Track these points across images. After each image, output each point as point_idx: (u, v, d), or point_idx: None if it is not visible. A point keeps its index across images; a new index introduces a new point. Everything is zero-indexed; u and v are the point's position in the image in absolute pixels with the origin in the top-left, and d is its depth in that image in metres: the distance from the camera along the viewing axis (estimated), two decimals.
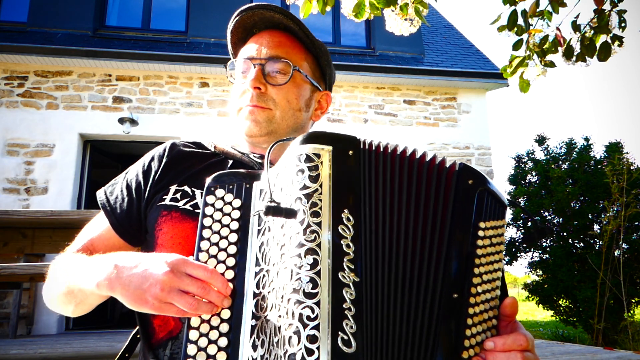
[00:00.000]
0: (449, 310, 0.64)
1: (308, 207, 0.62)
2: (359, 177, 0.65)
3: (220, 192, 0.72)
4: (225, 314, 0.64)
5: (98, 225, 0.94)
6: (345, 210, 0.63)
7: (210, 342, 0.63)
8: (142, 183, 0.91)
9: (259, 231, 0.68)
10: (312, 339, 0.56)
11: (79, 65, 5.94)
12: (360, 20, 2.03)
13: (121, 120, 5.79)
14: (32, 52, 5.60)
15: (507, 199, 0.76)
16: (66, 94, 5.93)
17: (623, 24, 2.19)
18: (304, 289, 0.58)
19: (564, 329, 7.44)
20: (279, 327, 0.59)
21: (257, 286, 0.65)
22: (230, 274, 0.67)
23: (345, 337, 0.57)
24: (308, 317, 0.57)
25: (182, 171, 0.91)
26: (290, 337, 0.57)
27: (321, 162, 0.64)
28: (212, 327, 0.64)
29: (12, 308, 4.79)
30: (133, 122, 5.80)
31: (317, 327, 0.57)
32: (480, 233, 0.69)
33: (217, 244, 0.68)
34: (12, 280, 2.24)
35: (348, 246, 0.61)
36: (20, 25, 6.24)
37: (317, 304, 0.58)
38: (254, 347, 0.62)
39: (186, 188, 0.88)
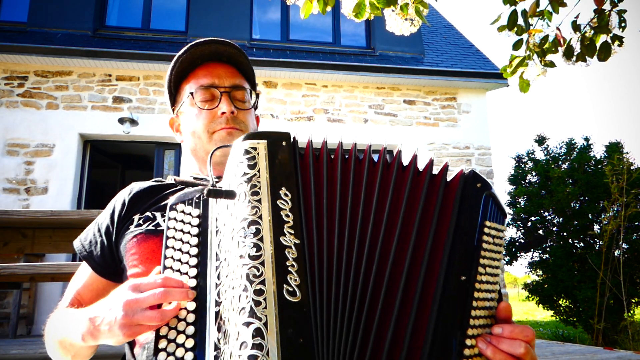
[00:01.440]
0: (456, 289, 0.68)
1: (248, 188, 0.69)
2: (295, 161, 0.73)
3: (180, 207, 0.79)
4: (191, 316, 0.69)
5: (81, 275, 1.03)
6: (283, 188, 0.70)
7: (177, 345, 0.66)
8: (109, 224, 1.00)
9: (216, 231, 0.74)
10: (259, 292, 0.62)
11: (79, 65, 5.94)
12: (361, 20, 2.02)
13: (121, 120, 5.79)
14: (32, 52, 5.60)
15: (508, 212, 0.80)
16: (66, 94, 5.93)
17: (623, 24, 2.19)
18: (249, 253, 0.64)
19: (564, 329, 7.44)
20: (232, 287, 0.65)
21: (218, 277, 0.70)
22: (193, 272, 0.72)
23: (290, 289, 0.63)
24: (254, 275, 0.63)
25: (143, 204, 1.00)
26: (240, 295, 0.62)
27: (258, 153, 0.72)
28: (179, 320, 0.68)
29: (12, 308, 4.79)
30: (133, 122, 5.80)
31: (262, 282, 0.62)
32: (486, 230, 0.72)
33: (180, 250, 0.74)
34: (12, 280, 2.24)
35: (287, 215, 0.68)
36: (20, 25, 6.23)
37: (262, 263, 0.64)
38: (218, 340, 0.66)
39: (148, 214, 0.96)
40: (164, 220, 0.89)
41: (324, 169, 0.74)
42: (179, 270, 0.72)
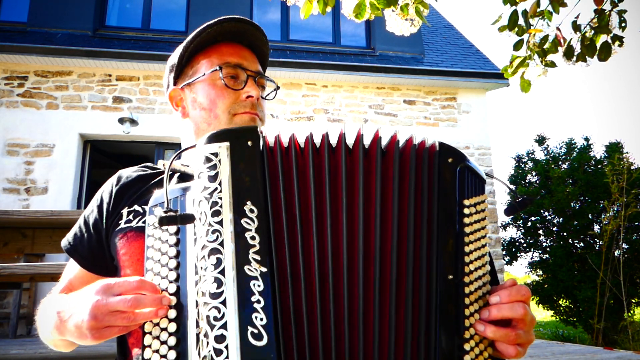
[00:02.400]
0: (446, 293, 0.64)
1: (209, 208, 0.62)
2: (263, 164, 0.64)
3: (158, 211, 0.70)
4: (172, 327, 0.64)
5: (72, 267, 0.99)
6: (248, 202, 0.62)
7: (161, 357, 0.63)
8: (97, 217, 0.94)
9: (195, 240, 0.67)
10: (220, 338, 0.56)
11: (79, 65, 5.94)
12: (361, 20, 2.02)
13: (121, 120, 5.78)
14: (32, 52, 5.59)
15: (486, 173, 0.76)
16: (66, 94, 5.93)
17: (623, 24, 2.18)
18: (209, 291, 0.59)
19: (564, 329, 7.44)
20: (197, 340, 0.59)
21: (198, 294, 0.64)
22: (173, 288, 0.66)
23: (256, 331, 0.57)
24: (215, 318, 0.57)
25: (131, 194, 0.94)
26: (202, 341, 0.58)
27: (219, 160, 0.64)
28: (162, 342, 0.64)
29: (12, 308, 4.79)
30: (133, 122, 5.80)
31: (224, 326, 0.57)
32: (466, 211, 0.68)
33: (159, 261, 0.69)
34: (12, 280, 2.24)
35: (253, 238, 0.61)
36: (20, 25, 6.23)
37: (223, 302, 0.58)
38: (200, 354, 0.61)
39: (136, 207, 0.90)
40: None
41: (294, 170, 0.65)
42: (159, 274, 0.68)
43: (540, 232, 7.51)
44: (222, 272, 0.59)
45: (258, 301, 0.58)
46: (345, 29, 7.20)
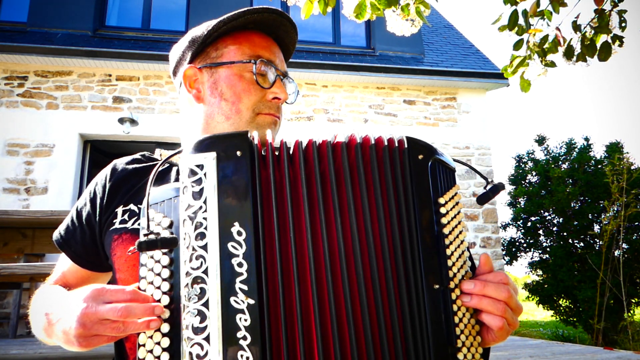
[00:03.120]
0: (434, 302, 0.61)
1: (192, 229, 0.57)
2: (254, 177, 0.59)
3: (151, 213, 0.66)
4: (165, 342, 0.60)
5: (64, 261, 0.95)
6: (236, 224, 0.56)
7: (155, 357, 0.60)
8: (91, 213, 0.89)
9: (187, 247, 0.64)
10: None
11: (79, 65, 5.94)
12: (362, 20, 2.02)
13: (121, 120, 5.79)
14: (32, 52, 5.59)
15: (453, 159, 0.72)
16: (66, 94, 5.93)
17: (623, 24, 2.18)
18: (192, 324, 0.54)
19: (564, 329, 7.44)
20: (190, 352, 0.55)
21: (182, 326, 0.61)
22: (166, 300, 0.61)
23: None
24: (198, 356, 0.53)
25: (126, 190, 0.89)
26: None
27: (205, 174, 0.58)
28: (155, 357, 0.61)
29: (12, 308, 4.78)
30: (133, 122, 5.80)
31: None
32: (442, 210, 0.64)
33: (152, 270, 0.64)
34: (12, 280, 2.24)
35: (240, 265, 0.55)
36: (20, 25, 6.23)
37: (207, 339, 0.53)
38: None
39: (132, 207, 0.86)
40: None
41: (286, 181, 0.60)
42: (152, 283, 0.63)
43: (540, 232, 7.51)
44: (206, 305, 0.54)
45: (244, 337, 0.53)
46: (345, 29, 7.19)
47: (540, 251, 7.54)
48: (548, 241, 7.41)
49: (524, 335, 6.51)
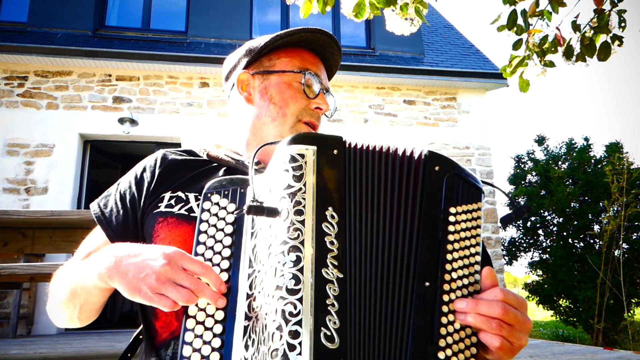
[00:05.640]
0: (422, 299, 0.65)
1: (292, 206, 0.62)
2: (344, 175, 0.67)
3: (215, 198, 0.73)
4: (219, 315, 0.65)
5: (96, 238, 0.95)
6: (330, 208, 0.64)
7: (204, 342, 0.64)
8: (135, 194, 0.92)
9: (252, 234, 0.69)
10: (295, 334, 0.57)
11: (79, 65, 5.94)
12: (360, 20, 2.02)
13: (121, 120, 5.79)
14: (32, 52, 5.60)
15: (482, 180, 0.76)
16: (66, 94, 5.93)
17: (623, 24, 2.18)
18: (286, 286, 0.59)
19: (564, 329, 7.45)
20: (266, 325, 0.60)
21: (250, 287, 0.66)
22: (224, 276, 0.67)
23: (328, 333, 0.58)
24: (290, 313, 0.58)
25: (175, 179, 0.92)
26: (273, 333, 0.58)
27: (305, 162, 0.65)
28: (206, 328, 0.65)
29: (12, 308, 4.79)
30: (133, 122, 5.80)
31: (299, 323, 0.57)
32: (452, 218, 0.69)
33: (212, 248, 0.69)
34: (12, 280, 2.24)
35: (332, 243, 0.62)
36: (20, 25, 6.24)
37: (300, 300, 0.58)
38: (246, 347, 0.62)
39: (180, 193, 0.89)
40: (197, 205, 0.84)
41: (371, 182, 0.68)
42: (210, 260, 0.69)
43: (540, 232, 7.51)
44: (301, 270, 0.59)
45: (332, 305, 0.59)
46: (345, 29, 7.20)
47: (540, 251, 7.54)
48: (548, 241, 7.41)
49: None
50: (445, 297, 0.65)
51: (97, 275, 0.71)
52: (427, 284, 0.65)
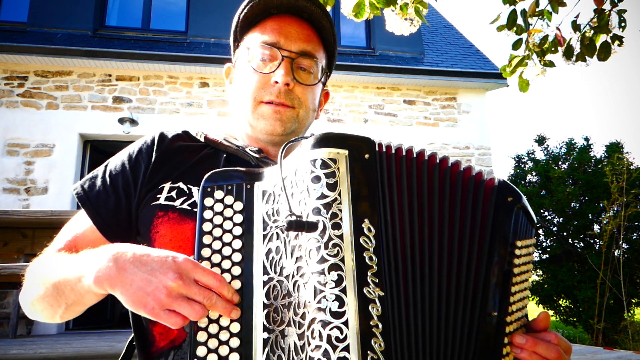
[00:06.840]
0: (487, 328, 0.63)
1: (328, 219, 0.58)
2: (377, 183, 0.61)
3: (219, 194, 0.66)
4: (235, 327, 0.61)
5: (80, 223, 0.85)
6: (366, 220, 0.59)
7: (220, 358, 0.59)
8: (130, 180, 0.83)
9: (264, 236, 0.64)
10: None
11: (79, 65, 5.94)
12: (360, 20, 2.02)
13: (121, 120, 5.79)
14: (32, 52, 5.60)
15: (537, 219, 0.76)
16: (66, 94, 5.93)
17: (623, 24, 2.18)
18: (330, 308, 0.55)
19: (564, 329, 7.44)
20: (302, 346, 0.56)
21: (267, 297, 0.61)
22: (237, 284, 0.62)
23: (375, 357, 0.55)
24: (337, 339, 0.54)
25: (174, 166, 0.84)
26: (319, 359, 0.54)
27: (338, 168, 0.59)
28: (220, 343, 0.60)
29: (12, 308, 4.79)
30: (133, 122, 5.80)
31: (346, 349, 0.54)
32: (517, 252, 0.67)
33: (219, 251, 0.63)
34: (12, 280, 2.24)
35: (371, 259, 0.58)
36: (20, 25, 6.23)
37: (345, 323, 0.55)
38: None
39: (181, 185, 0.81)
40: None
41: (408, 189, 0.63)
42: (219, 265, 0.63)
43: (540, 232, 7.51)
44: (344, 291, 0.55)
45: (377, 326, 0.56)
46: (345, 29, 7.20)
47: (540, 251, 7.54)
48: (548, 241, 7.41)
49: None
50: (507, 329, 0.65)
51: (93, 280, 0.62)
52: (495, 313, 0.63)
